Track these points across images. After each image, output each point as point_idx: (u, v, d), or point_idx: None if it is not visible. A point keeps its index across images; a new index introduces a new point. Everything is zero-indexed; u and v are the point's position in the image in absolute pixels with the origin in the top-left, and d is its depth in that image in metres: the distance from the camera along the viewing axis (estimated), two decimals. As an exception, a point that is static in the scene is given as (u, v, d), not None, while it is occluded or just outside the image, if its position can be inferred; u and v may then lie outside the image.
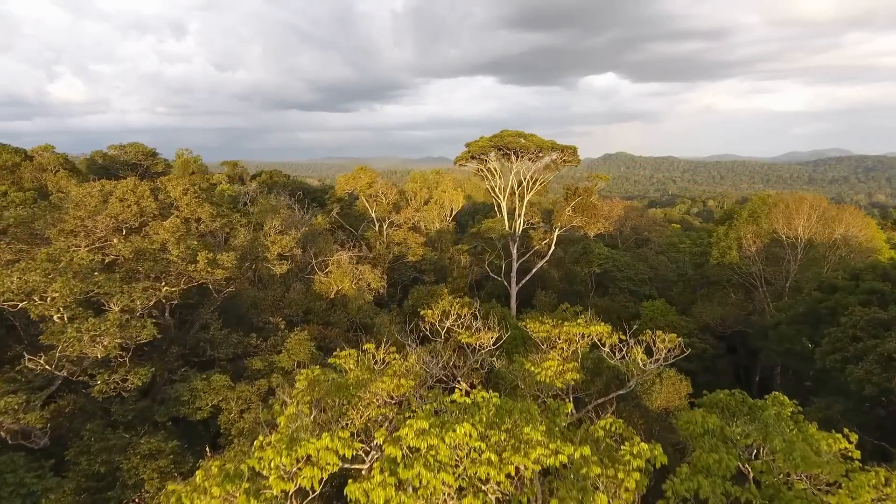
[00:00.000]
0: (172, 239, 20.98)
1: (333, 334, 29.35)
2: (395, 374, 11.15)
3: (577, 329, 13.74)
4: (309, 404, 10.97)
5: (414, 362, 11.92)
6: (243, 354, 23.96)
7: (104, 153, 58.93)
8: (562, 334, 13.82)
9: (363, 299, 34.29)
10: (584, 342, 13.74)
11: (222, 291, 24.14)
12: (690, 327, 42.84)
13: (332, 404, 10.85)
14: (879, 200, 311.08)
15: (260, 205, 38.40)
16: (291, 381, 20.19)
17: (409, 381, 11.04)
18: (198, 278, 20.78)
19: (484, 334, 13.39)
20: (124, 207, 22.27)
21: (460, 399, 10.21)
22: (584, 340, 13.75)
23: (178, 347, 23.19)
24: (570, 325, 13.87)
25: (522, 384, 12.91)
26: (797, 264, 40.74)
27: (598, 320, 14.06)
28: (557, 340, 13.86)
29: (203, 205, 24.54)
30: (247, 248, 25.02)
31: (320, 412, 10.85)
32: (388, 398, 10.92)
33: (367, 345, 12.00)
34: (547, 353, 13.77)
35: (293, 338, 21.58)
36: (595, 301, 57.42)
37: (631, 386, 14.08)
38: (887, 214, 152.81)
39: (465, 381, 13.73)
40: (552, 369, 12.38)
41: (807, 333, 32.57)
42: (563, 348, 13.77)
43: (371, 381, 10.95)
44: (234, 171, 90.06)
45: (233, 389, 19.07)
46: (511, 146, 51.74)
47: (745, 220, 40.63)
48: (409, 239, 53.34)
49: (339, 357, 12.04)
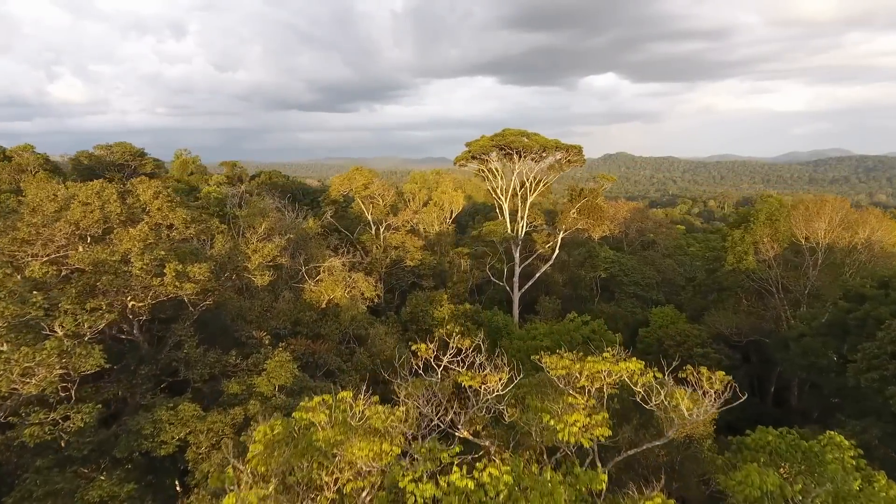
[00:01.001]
0: (136, 249, 18.69)
1: (323, 349, 27.06)
2: (377, 432, 8.85)
3: (603, 366, 11.35)
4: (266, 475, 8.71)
5: (401, 416, 9.62)
6: (221, 374, 21.68)
7: (90, 153, 56.64)
8: (584, 371, 11.44)
9: (356, 309, 32.00)
10: (610, 379, 11.40)
11: (199, 305, 21.85)
12: (703, 336, 40.60)
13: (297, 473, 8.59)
14: (881, 200, 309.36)
15: (248, 207, 36.14)
16: (270, 411, 17.93)
17: (395, 448, 8.73)
18: (164, 293, 18.53)
19: (491, 376, 11.08)
20: (86, 213, 20.01)
21: (460, 482, 7.98)
22: (612, 378, 11.40)
23: (149, 367, 20.90)
24: (595, 361, 11.49)
25: (539, 437, 10.65)
26: (817, 270, 38.46)
27: (631, 356, 11.69)
28: (578, 377, 11.50)
29: (176, 210, 22.26)
30: (224, 257, 22.75)
31: (281, 482, 8.58)
32: (368, 464, 8.64)
33: (344, 393, 9.67)
34: (566, 393, 11.44)
35: (274, 359, 19.30)
36: (601, 307, 55.22)
37: (668, 437, 11.75)
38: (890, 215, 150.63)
39: (467, 428, 11.46)
40: (578, 424, 10.09)
41: (833, 346, 30.31)
42: (586, 386, 11.42)
43: (347, 443, 8.65)
44: (232, 172, 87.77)
45: (203, 420, 16.78)
46: (513, 146, 49.48)
47: (763, 223, 38.35)
48: (408, 242, 51.00)
49: (308, 409, 9.63)
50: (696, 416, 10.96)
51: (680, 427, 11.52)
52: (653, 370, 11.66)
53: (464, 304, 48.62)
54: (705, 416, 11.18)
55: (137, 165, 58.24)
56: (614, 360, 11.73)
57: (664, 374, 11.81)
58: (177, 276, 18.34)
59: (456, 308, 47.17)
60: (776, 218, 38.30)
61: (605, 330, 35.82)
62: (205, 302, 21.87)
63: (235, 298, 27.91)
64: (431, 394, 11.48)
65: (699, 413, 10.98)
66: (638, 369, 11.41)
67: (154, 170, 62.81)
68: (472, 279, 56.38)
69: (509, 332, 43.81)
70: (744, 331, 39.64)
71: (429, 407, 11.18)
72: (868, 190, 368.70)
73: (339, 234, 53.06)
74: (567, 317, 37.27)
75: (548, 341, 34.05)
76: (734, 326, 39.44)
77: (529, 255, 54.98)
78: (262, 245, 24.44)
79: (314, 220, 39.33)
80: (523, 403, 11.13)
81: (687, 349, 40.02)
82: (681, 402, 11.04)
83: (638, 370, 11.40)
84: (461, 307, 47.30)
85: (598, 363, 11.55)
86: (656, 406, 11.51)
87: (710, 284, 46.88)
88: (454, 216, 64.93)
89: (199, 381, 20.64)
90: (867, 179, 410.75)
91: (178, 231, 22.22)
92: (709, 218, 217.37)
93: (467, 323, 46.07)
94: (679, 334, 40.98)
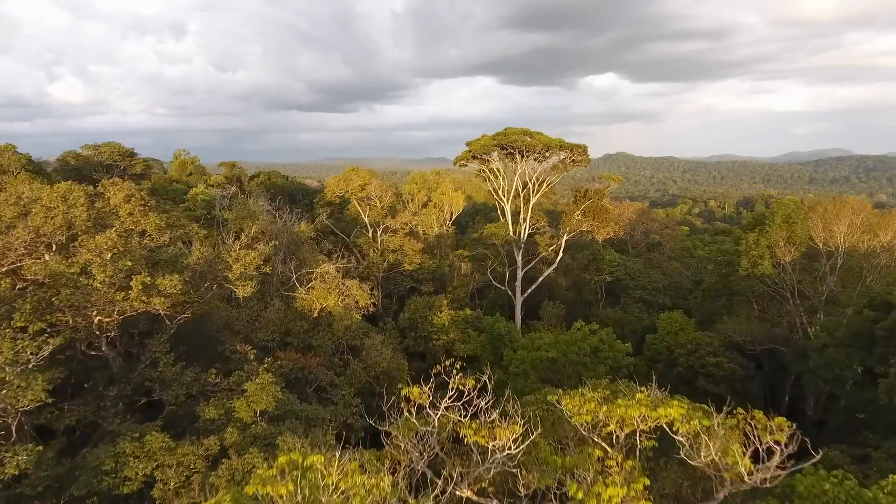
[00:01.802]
0: (98, 260, 16.78)
1: (314, 363, 25.15)
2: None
3: (638, 410, 9.29)
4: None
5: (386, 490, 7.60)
6: (199, 394, 19.78)
7: (77, 154, 54.70)
8: (614, 416, 9.39)
9: (350, 318, 30.09)
10: (645, 426, 9.36)
11: (176, 318, 19.93)
12: (715, 344, 38.70)
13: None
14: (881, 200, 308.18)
15: (237, 210, 34.22)
16: (249, 440, 16.01)
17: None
18: (129, 309, 16.63)
19: (502, 430, 9.03)
20: (47, 218, 18.11)
21: None
22: (647, 424, 9.37)
23: (120, 388, 18.99)
24: (627, 404, 9.42)
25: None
26: (835, 275, 36.59)
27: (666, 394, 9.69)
28: (606, 421, 9.47)
29: (148, 214, 20.34)
30: (203, 265, 20.86)
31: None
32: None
33: (313, 457, 7.68)
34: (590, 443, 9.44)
35: (255, 380, 17.40)
36: (606, 312, 53.33)
37: (719, 499, 9.64)
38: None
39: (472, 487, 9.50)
40: (616, 499, 8.09)
41: (859, 358, 28.45)
42: (615, 432, 9.43)
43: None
44: (231, 172, 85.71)
45: (172, 453, 14.87)
46: (516, 145, 47.61)
47: (779, 225, 36.47)
48: (406, 245, 49.09)
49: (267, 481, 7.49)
50: (758, 481, 8.95)
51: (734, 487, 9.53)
52: (699, 416, 9.67)
53: (464, 309, 46.79)
54: (770, 478, 9.14)
55: (127, 166, 56.33)
56: (650, 402, 9.73)
57: (712, 417, 9.73)
58: (145, 289, 16.44)
59: (456, 314, 45.34)
60: (793, 220, 36.43)
61: (614, 339, 33.95)
62: (182, 315, 19.96)
63: (222, 307, 26.03)
64: (426, 443, 9.54)
65: (762, 476, 8.98)
66: (680, 415, 9.40)
67: (144, 170, 60.92)
68: (473, 283, 54.49)
69: (512, 339, 41.93)
70: (758, 339, 37.76)
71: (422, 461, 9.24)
72: (869, 190, 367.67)
73: (335, 238, 51.17)
74: (574, 325, 35.36)
75: (554, 352, 32.20)
76: (749, 335, 37.55)
77: (532, 259, 53.10)
78: (245, 253, 22.53)
79: (306, 224, 37.37)
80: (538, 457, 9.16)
81: (698, 358, 38.16)
82: (739, 461, 9.03)
83: (680, 415, 9.40)
84: (461, 313, 45.47)
85: (632, 407, 9.57)
86: (705, 464, 9.48)
87: (719, 289, 45.00)
88: (454, 218, 63.07)
89: (173, 402, 18.73)
90: (867, 179, 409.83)
91: (150, 238, 20.33)
92: (710, 218, 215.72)
93: (468, 330, 44.25)
94: (690, 342, 39.11)
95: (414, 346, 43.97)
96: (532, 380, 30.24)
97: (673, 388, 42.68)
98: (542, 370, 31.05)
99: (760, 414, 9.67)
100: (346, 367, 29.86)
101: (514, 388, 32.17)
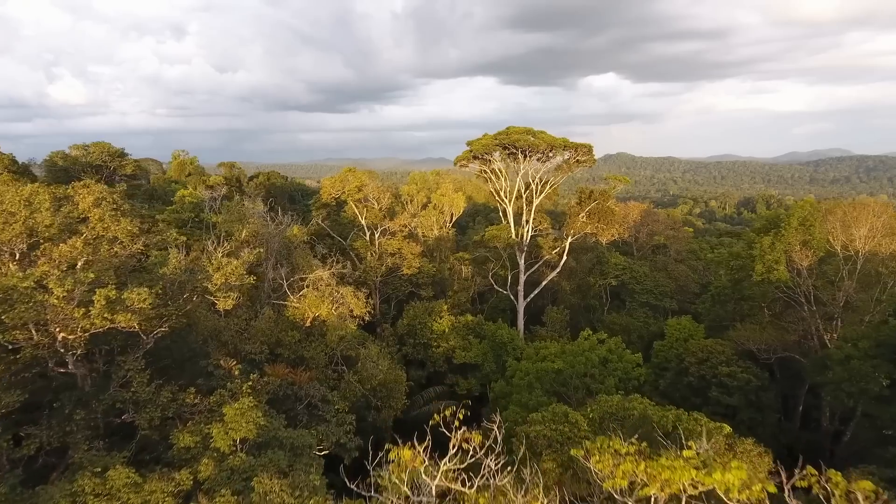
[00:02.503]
0: (56, 272, 15.10)
1: (305, 377, 23.43)
2: None
3: (687, 475, 7.30)
4: None
5: None
6: (176, 416, 18.09)
7: (65, 154, 52.93)
8: (655, 480, 7.47)
9: (345, 328, 28.40)
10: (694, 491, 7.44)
11: (152, 332, 18.24)
12: (728, 353, 36.97)
13: None
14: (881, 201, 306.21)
15: (226, 213, 32.50)
16: (226, 474, 14.31)
17: None
18: (90, 327, 14.95)
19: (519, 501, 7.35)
20: (6, 224, 16.45)
21: None
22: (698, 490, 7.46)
23: (88, 410, 17.29)
24: (673, 464, 7.47)
25: None
26: (853, 281, 34.89)
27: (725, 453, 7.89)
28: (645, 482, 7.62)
29: (120, 220, 18.65)
30: (180, 275, 19.19)
31: None
32: None
33: None
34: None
35: (234, 405, 15.69)
36: (611, 317, 51.67)
37: None
38: None
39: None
40: None
41: (885, 370, 26.74)
42: (655, 495, 7.62)
43: None
44: (230, 173, 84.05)
45: (138, 490, 13.18)
46: (518, 144, 45.87)
47: (795, 229, 34.79)
48: (405, 249, 47.39)
49: None
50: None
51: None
52: (764, 480, 7.85)
53: (465, 314, 45.15)
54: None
55: (116, 167, 54.58)
56: (699, 460, 7.81)
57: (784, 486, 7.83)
58: (109, 304, 14.76)
59: (457, 319, 43.72)
60: (810, 223, 34.74)
61: (623, 349, 32.24)
62: (158, 329, 18.26)
63: (209, 317, 24.35)
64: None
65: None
66: (738, 482, 7.44)
67: (136, 171, 59.19)
68: (474, 287, 52.80)
69: (515, 347, 40.26)
70: (773, 347, 36.04)
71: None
72: (869, 190, 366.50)
73: (332, 241, 49.49)
74: (581, 335, 33.66)
75: (560, 363, 30.50)
76: (763, 342, 35.82)
77: (535, 262, 51.38)
78: (227, 261, 20.84)
79: (299, 228, 35.68)
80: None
81: (711, 367, 36.47)
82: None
83: (738, 483, 7.44)
84: (462, 318, 43.84)
85: (679, 471, 7.65)
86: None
87: (730, 294, 43.28)
88: (454, 219, 61.38)
89: (146, 427, 17.03)
90: (868, 179, 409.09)
91: (122, 245, 18.65)
92: (711, 218, 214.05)
93: (469, 336, 42.60)
94: (701, 350, 37.38)
95: (413, 353, 42.35)
96: (538, 392, 28.55)
97: (683, 398, 40.41)
98: (547, 382, 29.36)
99: (839, 476, 7.84)
100: (340, 380, 28.20)
101: (519, 402, 30.59)
